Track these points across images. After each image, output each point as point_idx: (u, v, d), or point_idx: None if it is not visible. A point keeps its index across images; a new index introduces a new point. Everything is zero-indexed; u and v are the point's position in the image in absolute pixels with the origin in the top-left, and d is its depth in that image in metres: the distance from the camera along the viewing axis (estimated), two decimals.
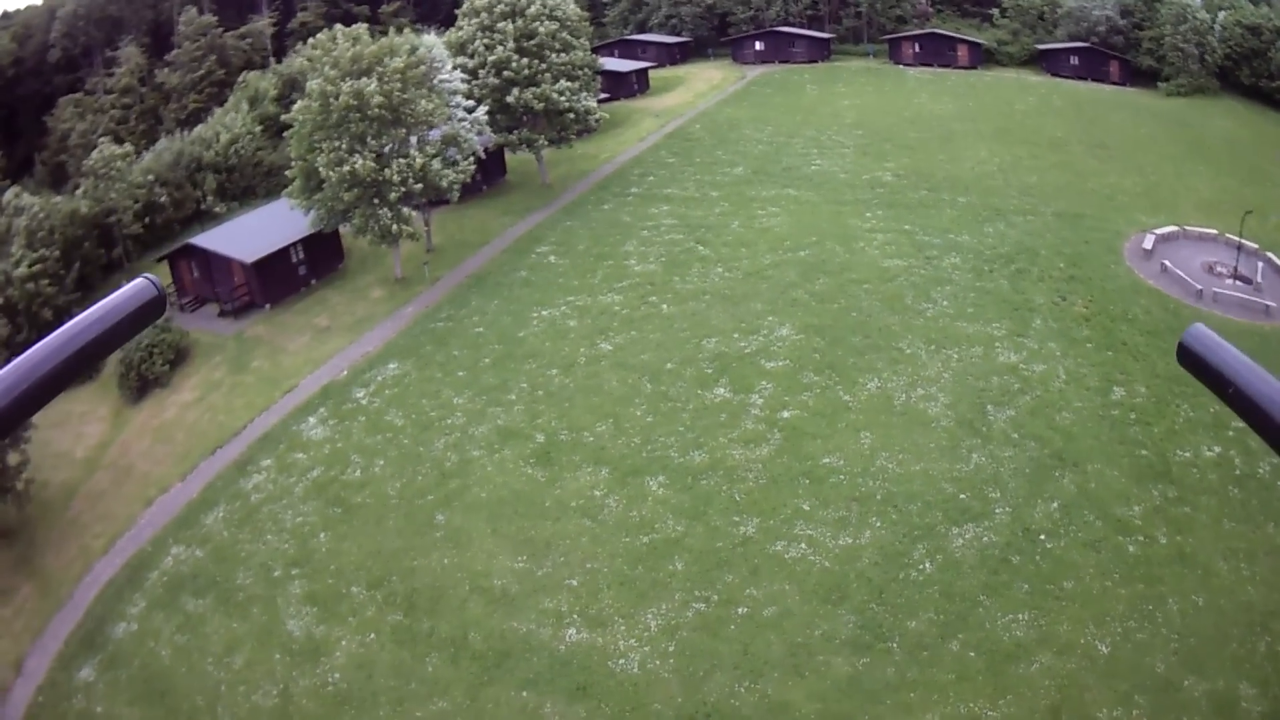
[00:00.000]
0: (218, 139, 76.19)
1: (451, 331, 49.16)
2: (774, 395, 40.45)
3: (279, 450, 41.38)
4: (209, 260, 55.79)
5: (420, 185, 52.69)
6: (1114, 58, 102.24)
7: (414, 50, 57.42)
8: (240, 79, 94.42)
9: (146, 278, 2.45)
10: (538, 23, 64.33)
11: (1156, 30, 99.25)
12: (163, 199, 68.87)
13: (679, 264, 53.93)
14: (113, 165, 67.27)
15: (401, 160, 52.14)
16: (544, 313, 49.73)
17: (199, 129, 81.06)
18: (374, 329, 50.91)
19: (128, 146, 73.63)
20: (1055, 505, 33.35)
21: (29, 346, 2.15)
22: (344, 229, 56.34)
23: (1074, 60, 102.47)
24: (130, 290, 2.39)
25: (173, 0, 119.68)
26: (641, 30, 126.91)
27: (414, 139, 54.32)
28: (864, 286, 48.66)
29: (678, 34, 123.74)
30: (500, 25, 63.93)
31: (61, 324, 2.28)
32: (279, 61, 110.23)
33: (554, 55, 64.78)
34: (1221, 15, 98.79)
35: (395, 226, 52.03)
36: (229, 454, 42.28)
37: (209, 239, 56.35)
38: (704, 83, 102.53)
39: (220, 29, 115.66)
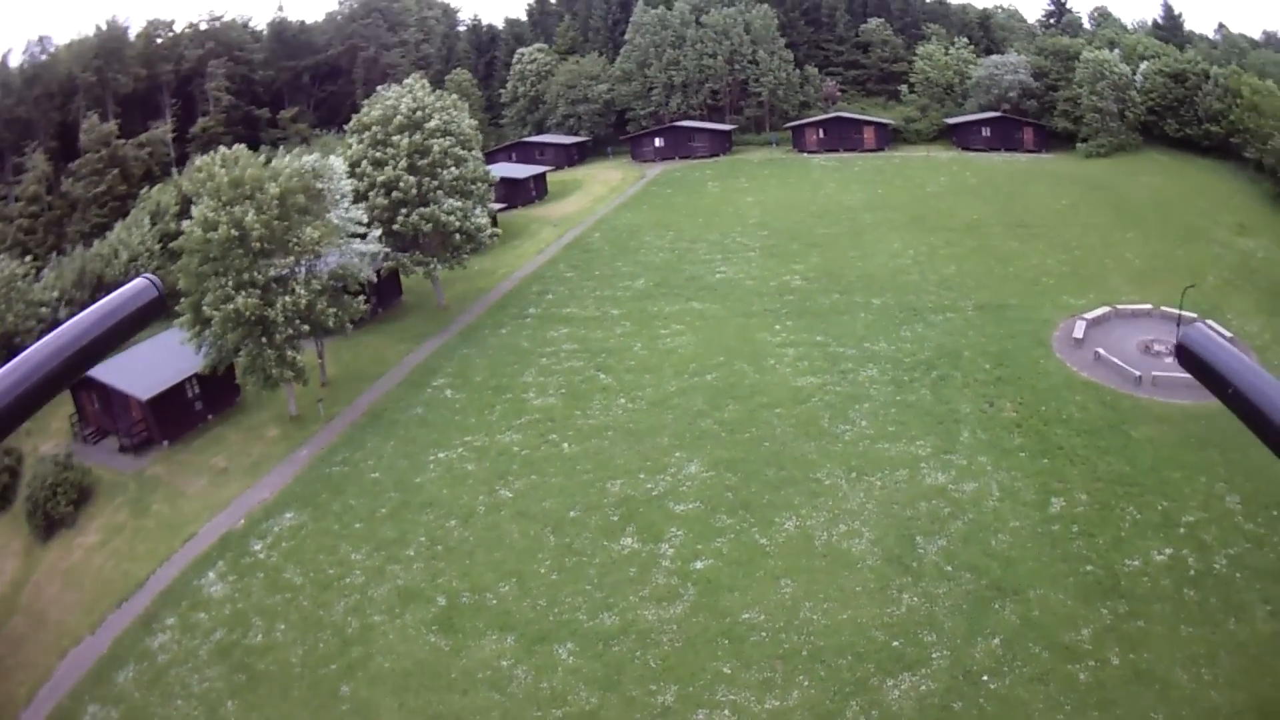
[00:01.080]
0: (117, 256, 74.86)
1: (347, 477, 47.63)
2: (685, 543, 38.76)
3: (181, 608, 39.99)
4: (108, 393, 54.77)
5: (306, 326, 51.62)
6: (1027, 124, 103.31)
7: (302, 173, 55.32)
8: (144, 191, 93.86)
9: (146, 277, 2.67)
10: (433, 139, 62.85)
11: (1072, 90, 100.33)
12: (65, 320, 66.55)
13: (580, 395, 52.48)
14: (13, 284, 66.52)
15: (286, 298, 50.58)
16: (441, 455, 48.27)
17: (98, 245, 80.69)
18: (270, 473, 49.64)
19: (28, 262, 73.18)
20: (997, 641, 31.92)
21: None
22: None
23: (985, 131, 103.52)
24: (130, 290, 2.61)
25: (78, 104, 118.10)
26: (540, 130, 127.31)
27: (301, 271, 52.86)
28: (776, 411, 47.19)
29: (575, 133, 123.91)
30: (395, 139, 62.32)
31: (60, 324, 2.42)
32: (180, 169, 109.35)
33: (445, 171, 63.27)
34: (1144, 66, 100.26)
35: (277, 371, 50.76)
36: (135, 607, 40.95)
37: (105, 370, 53.97)
38: (603, 185, 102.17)
39: (121, 139, 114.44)
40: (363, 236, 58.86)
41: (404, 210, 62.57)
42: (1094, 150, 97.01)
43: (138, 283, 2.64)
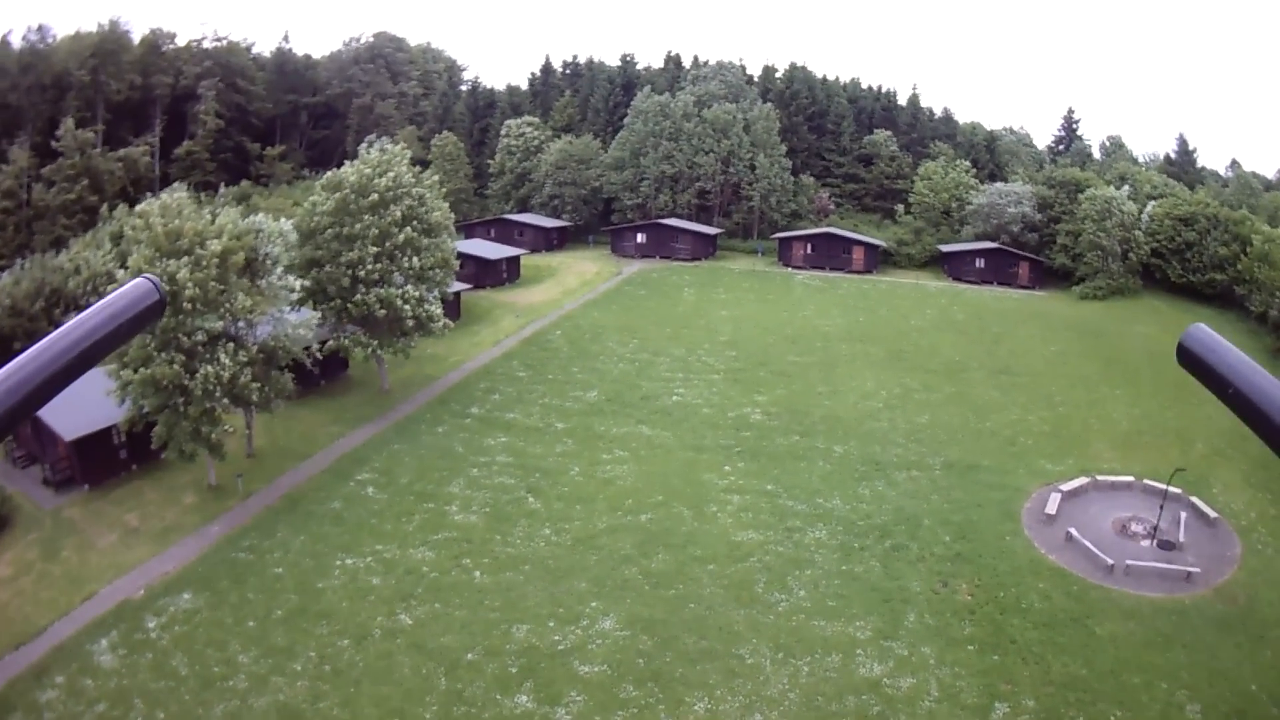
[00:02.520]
0: (78, 272, 72.55)
1: (251, 567, 44.94)
2: (584, 711, 35.32)
3: (71, 670, 38.12)
4: (39, 422, 52.70)
5: (226, 400, 49.00)
6: (1024, 258, 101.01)
7: (246, 233, 52.54)
8: (114, 210, 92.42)
9: (147, 278, 2.66)
10: (397, 226, 60.11)
11: (1075, 226, 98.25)
12: (8, 331, 66.29)
13: (504, 518, 49.34)
14: None
15: (209, 369, 47.82)
16: (349, 561, 45.32)
17: (60, 257, 78.61)
18: (177, 544, 47.33)
19: None
20: None
21: None
22: None
23: (979, 263, 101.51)
24: (130, 290, 2.61)
25: (69, 103, 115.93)
26: (523, 207, 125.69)
27: (228, 339, 50.11)
28: (709, 567, 43.89)
29: (559, 215, 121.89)
30: (366, 219, 59.45)
31: (60, 325, 2.44)
32: (163, 187, 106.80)
33: (406, 260, 60.48)
34: (1151, 206, 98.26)
35: (189, 446, 48.47)
36: (30, 655, 39.32)
37: None
38: (576, 277, 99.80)
39: (106, 147, 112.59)
40: (295, 307, 56.49)
41: (361, 289, 59.92)
42: (1090, 292, 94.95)
43: (139, 283, 2.61)
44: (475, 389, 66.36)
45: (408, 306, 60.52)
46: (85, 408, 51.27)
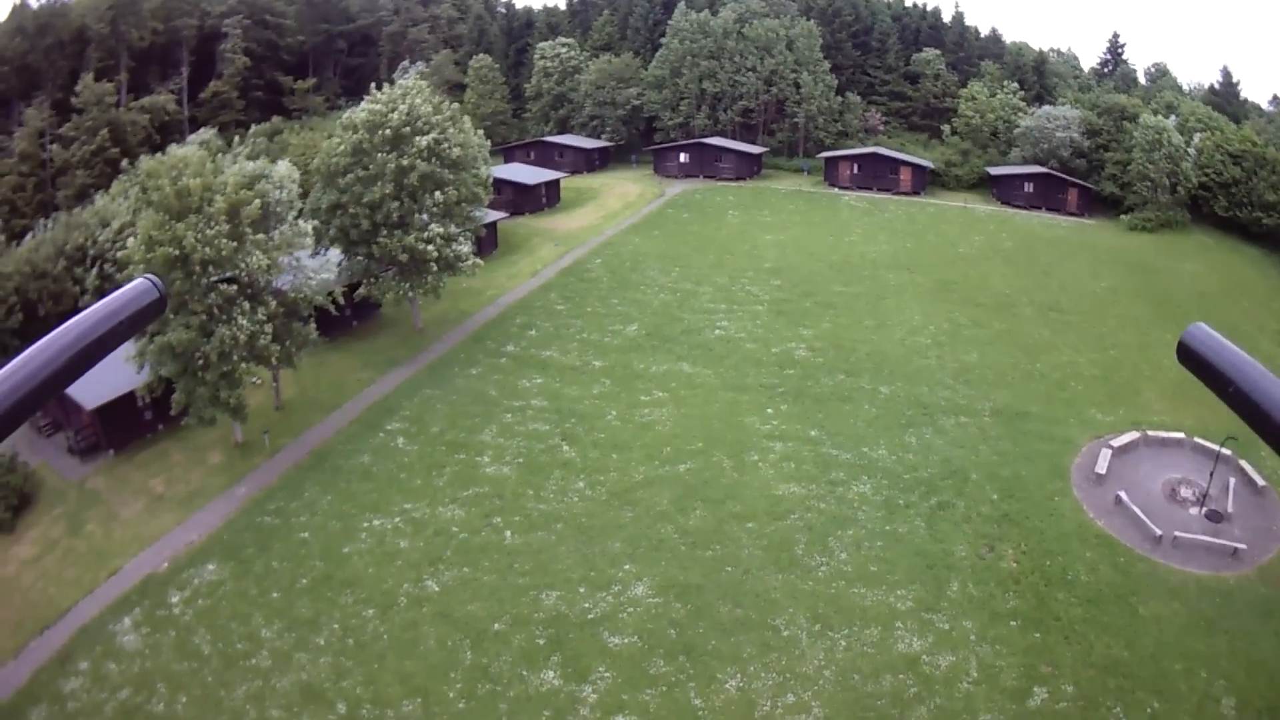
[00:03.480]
0: (105, 225, 70.59)
1: (276, 532, 43.15)
2: (611, 689, 33.26)
3: (95, 653, 37.01)
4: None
5: (245, 364, 46.71)
6: (1072, 184, 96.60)
7: (254, 179, 49.57)
8: (136, 160, 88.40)
9: (148, 278, 2.65)
10: (418, 162, 56.65)
11: (1124, 154, 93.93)
12: (34, 296, 64.86)
13: (538, 469, 46.91)
14: None
15: (225, 331, 45.26)
16: (376, 523, 43.20)
17: (83, 212, 76.55)
18: (203, 509, 45.75)
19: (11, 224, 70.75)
20: None
21: None
22: None
23: (1028, 187, 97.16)
24: (131, 290, 2.60)
25: (89, 57, 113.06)
26: (563, 129, 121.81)
27: (244, 298, 47.46)
28: (748, 525, 41.40)
29: (599, 136, 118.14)
30: (379, 157, 56.25)
31: (61, 323, 2.42)
32: (193, 130, 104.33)
33: (428, 197, 57.21)
34: (1197, 138, 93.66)
35: (210, 411, 46.59)
36: (55, 639, 38.30)
37: None
38: (618, 199, 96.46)
39: (130, 96, 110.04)
40: (318, 250, 54.20)
41: (383, 232, 56.94)
42: (1139, 223, 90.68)
43: (139, 283, 2.62)
44: (511, 325, 63.65)
45: (431, 248, 57.26)
46: (105, 373, 49.10)
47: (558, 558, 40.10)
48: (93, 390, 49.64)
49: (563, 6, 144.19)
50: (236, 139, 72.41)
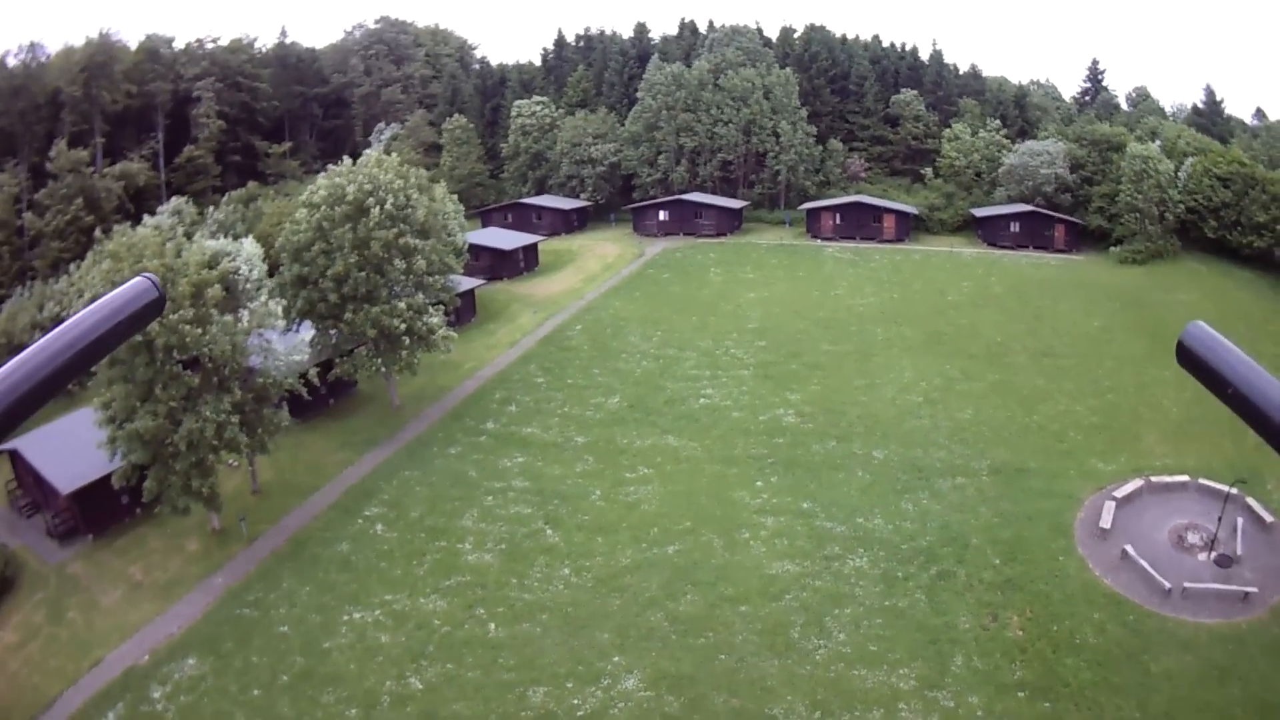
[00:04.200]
0: (80, 295, 70.60)
1: (256, 624, 42.27)
2: None
3: None
4: (38, 471, 51.68)
5: (215, 453, 45.94)
6: (1059, 220, 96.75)
7: (217, 259, 49.11)
8: (109, 230, 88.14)
9: (147, 277, 2.66)
10: (377, 231, 56.07)
11: (1111, 186, 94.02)
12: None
13: (520, 556, 46.12)
14: None
15: (193, 424, 44.67)
16: (357, 615, 42.30)
17: (58, 283, 76.99)
18: (182, 599, 44.94)
19: None
20: None
21: None
22: None
23: (1014, 227, 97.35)
24: (130, 290, 2.61)
25: (64, 120, 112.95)
26: (541, 189, 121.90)
27: (213, 386, 47.08)
28: (741, 609, 40.58)
29: (578, 196, 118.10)
30: (337, 233, 55.77)
31: (60, 324, 2.45)
32: (169, 198, 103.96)
33: (391, 267, 56.66)
34: (1188, 163, 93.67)
35: (182, 501, 45.80)
36: None
37: (32, 447, 52.00)
38: (597, 261, 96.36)
39: (93, 167, 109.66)
40: (289, 329, 53.77)
41: (351, 306, 56.37)
42: (1129, 256, 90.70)
43: (138, 282, 2.62)
44: (490, 400, 63.06)
45: (399, 321, 56.84)
46: (82, 457, 49.08)
47: (544, 651, 39.23)
48: (69, 473, 49.30)
49: (537, 62, 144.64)
50: (212, 207, 71.89)
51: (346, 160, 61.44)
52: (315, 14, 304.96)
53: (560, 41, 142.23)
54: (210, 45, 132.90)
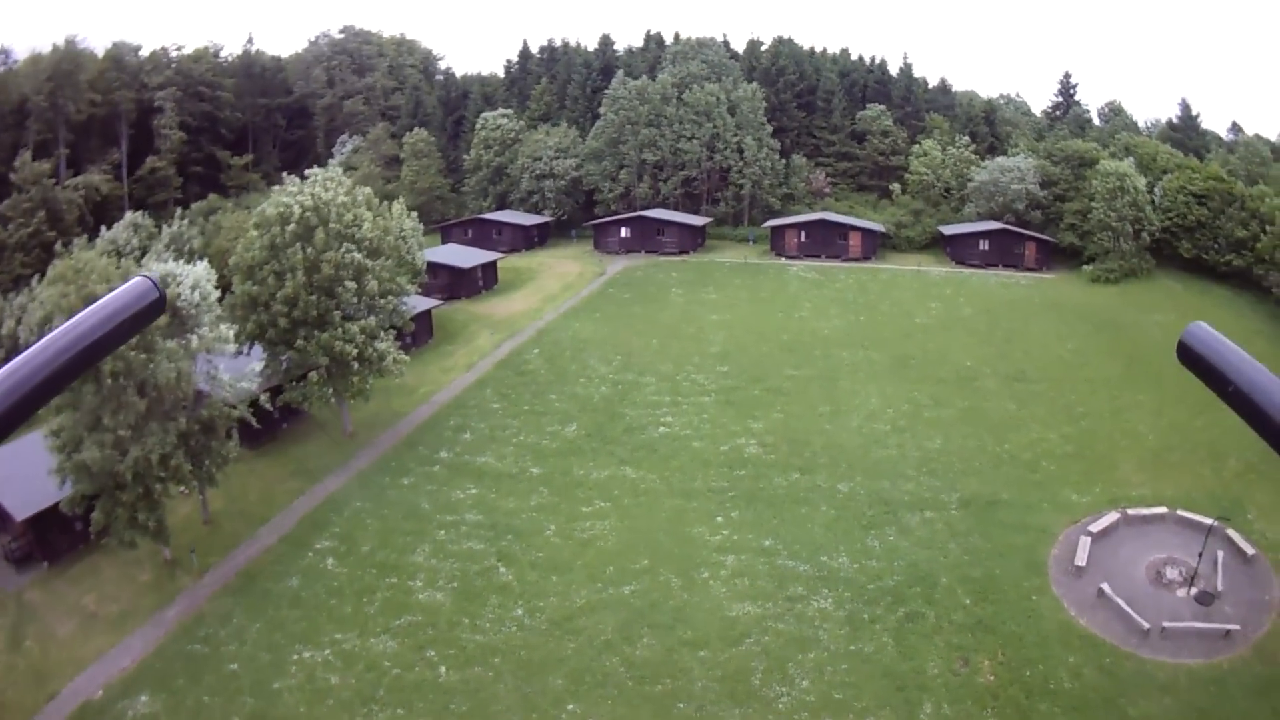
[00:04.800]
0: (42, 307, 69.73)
1: (207, 662, 41.05)
2: None
3: None
4: None
5: (160, 485, 44.51)
6: (1030, 238, 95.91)
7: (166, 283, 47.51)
8: (70, 244, 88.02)
9: (146, 277, 2.66)
10: (327, 252, 54.58)
11: (1083, 203, 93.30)
12: None
13: (473, 595, 44.68)
14: None
15: (137, 453, 43.33)
16: (306, 655, 40.99)
17: (20, 297, 76.28)
18: (134, 633, 43.76)
19: None
20: None
21: None
22: None
23: (983, 245, 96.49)
24: (129, 290, 2.62)
25: (29, 130, 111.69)
26: (502, 204, 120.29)
27: (159, 416, 45.50)
28: (700, 654, 39.16)
29: (540, 211, 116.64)
30: (288, 252, 54.26)
31: (60, 325, 2.44)
32: (136, 210, 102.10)
33: (341, 288, 55.18)
34: (1166, 178, 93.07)
35: (128, 535, 44.57)
36: None
37: None
38: (557, 280, 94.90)
39: (55, 179, 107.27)
40: (238, 352, 52.75)
41: (302, 332, 54.81)
42: (1102, 274, 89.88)
43: (138, 282, 2.63)
44: (445, 427, 61.43)
45: (351, 346, 55.31)
46: (38, 482, 47.56)
47: (496, 697, 37.81)
48: (24, 499, 48.54)
49: (501, 75, 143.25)
50: (166, 224, 70.37)
51: (294, 179, 60.03)
52: (282, 22, 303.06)
53: (525, 53, 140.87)
54: (175, 54, 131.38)
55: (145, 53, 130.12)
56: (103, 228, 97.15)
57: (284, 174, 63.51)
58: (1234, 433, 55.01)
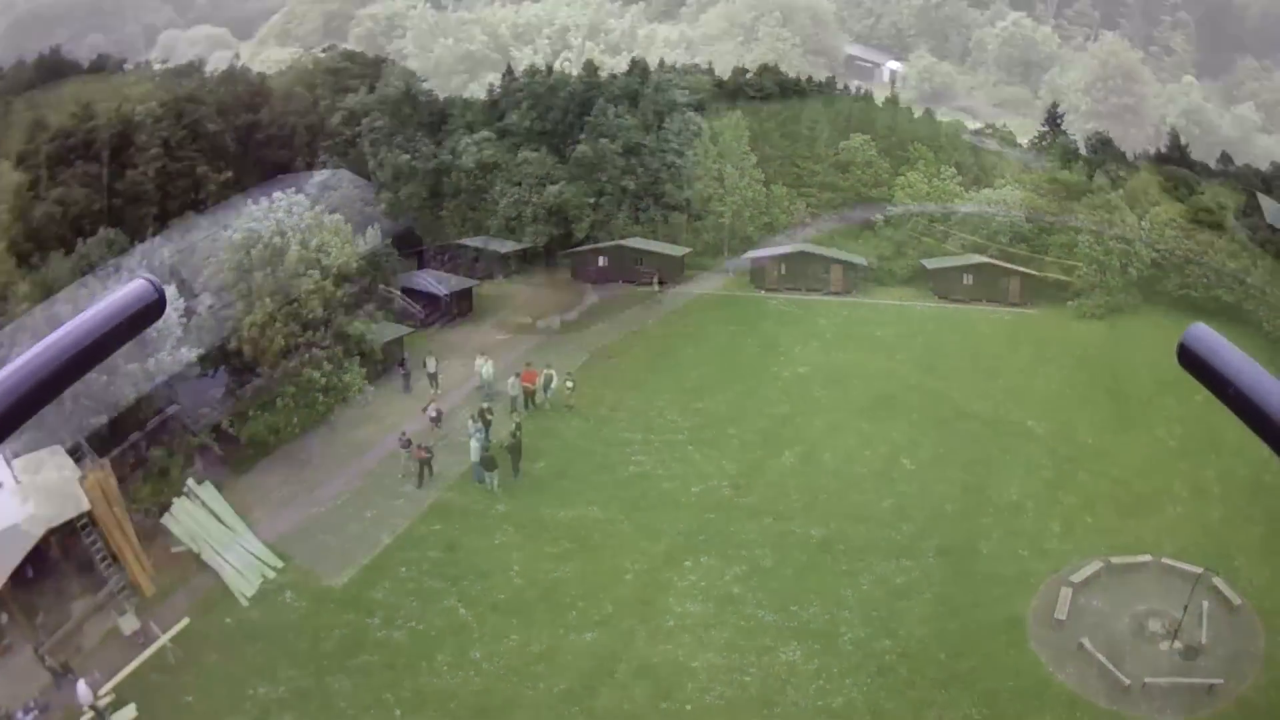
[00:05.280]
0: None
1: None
2: None
3: None
4: None
5: None
6: (1015, 273, 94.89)
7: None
8: (45, 258, 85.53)
9: (146, 278, 2.66)
10: (296, 279, 53.89)
11: (1069, 236, 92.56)
12: None
13: (428, 637, 43.37)
14: None
15: None
16: (261, 690, 40.34)
17: None
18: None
19: None
20: None
21: None
22: None
23: (967, 279, 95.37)
24: (129, 291, 2.61)
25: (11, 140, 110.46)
26: (479, 231, 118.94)
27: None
28: (661, 705, 37.79)
29: (519, 238, 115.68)
30: (257, 275, 53.48)
31: (59, 325, 2.47)
32: (115, 226, 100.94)
33: (313, 315, 54.60)
34: (1154, 211, 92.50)
35: None
36: None
37: None
38: (533, 308, 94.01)
39: (34, 191, 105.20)
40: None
41: (268, 360, 54.37)
42: (1088, 310, 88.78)
43: (137, 283, 2.62)
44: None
45: (319, 375, 54.20)
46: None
47: None
48: None
49: (482, 96, 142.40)
50: (138, 242, 69.75)
51: (263, 201, 59.44)
52: (268, 38, 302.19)
53: (508, 74, 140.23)
54: (159, 67, 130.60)
55: (130, 65, 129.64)
56: (80, 241, 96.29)
57: (267, 193, 63.30)
58: (1220, 475, 54.51)
